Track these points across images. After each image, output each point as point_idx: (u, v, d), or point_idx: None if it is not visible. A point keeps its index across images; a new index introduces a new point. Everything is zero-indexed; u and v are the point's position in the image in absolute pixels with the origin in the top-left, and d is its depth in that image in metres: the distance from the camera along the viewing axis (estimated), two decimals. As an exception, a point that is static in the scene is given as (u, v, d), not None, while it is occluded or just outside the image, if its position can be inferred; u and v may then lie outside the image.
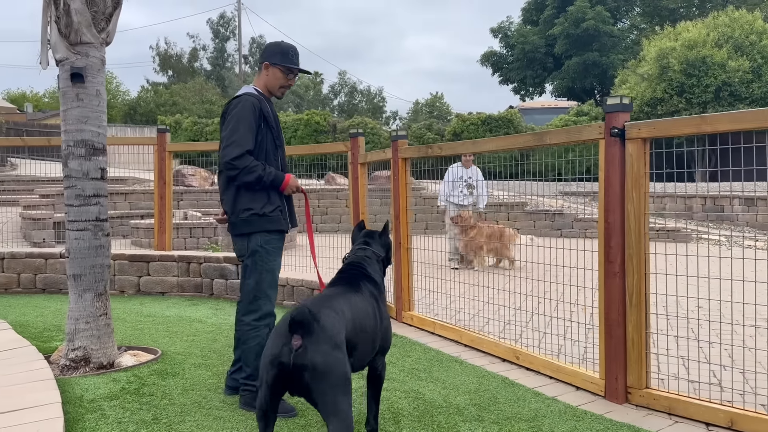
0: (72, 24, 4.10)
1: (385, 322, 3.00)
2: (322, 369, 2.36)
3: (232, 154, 3.31)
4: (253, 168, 3.34)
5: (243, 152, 3.32)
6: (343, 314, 2.62)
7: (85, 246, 4.21)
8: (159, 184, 7.90)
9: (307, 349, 2.35)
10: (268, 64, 3.57)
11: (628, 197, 3.53)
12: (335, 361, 2.40)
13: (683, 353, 4.37)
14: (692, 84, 24.88)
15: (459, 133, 23.20)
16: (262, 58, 3.63)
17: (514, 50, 41.93)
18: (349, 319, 2.64)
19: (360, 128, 23.75)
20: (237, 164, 3.32)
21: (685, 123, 3.34)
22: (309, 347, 2.36)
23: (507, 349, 4.43)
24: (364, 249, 3.13)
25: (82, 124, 4.20)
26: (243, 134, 3.33)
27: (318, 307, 2.52)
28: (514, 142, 4.41)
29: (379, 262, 3.16)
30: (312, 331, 2.39)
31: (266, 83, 3.60)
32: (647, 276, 3.52)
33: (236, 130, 3.34)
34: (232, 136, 3.33)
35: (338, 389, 2.38)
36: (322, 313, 2.50)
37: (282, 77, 3.59)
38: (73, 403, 3.45)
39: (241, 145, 3.32)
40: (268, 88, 3.61)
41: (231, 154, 3.31)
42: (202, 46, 52.18)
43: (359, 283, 2.93)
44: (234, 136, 3.33)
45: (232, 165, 3.32)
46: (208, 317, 5.89)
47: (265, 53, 3.62)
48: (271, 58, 3.57)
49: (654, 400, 3.48)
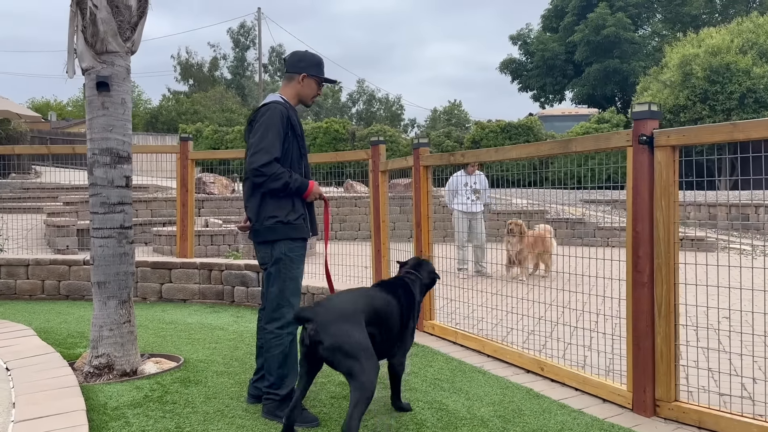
0: (98, 33, 4.15)
1: (411, 326, 3.51)
2: (332, 342, 2.86)
3: (261, 161, 3.32)
4: (279, 175, 3.35)
5: (271, 159, 3.33)
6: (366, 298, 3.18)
7: (110, 253, 4.24)
8: (181, 192, 7.95)
9: (317, 330, 2.88)
10: (306, 75, 3.59)
11: (657, 206, 3.46)
12: (342, 333, 2.87)
13: (711, 365, 4.28)
14: (716, 91, 24.57)
15: (478, 141, 23.12)
16: (297, 69, 3.62)
17: (533, 57, 41.76)
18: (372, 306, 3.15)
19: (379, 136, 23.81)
20: (265, 171, 3.32)
21: (716, 130, 3.27)
22: (318, 329, 2.88)
23: (531, 359, 4.37)
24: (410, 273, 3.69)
25: (107, 132, 4.24)
26: (271, 142, 3.34)
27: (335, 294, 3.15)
28: (539, 150, 4.36)
29: (421, 285, 3.69)
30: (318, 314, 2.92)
31: (299, 93, 3.62)
32: (677, 286, 3.45)
33: (265, 137, 3.35)
34: (261, 143, 3.34)
35: (351, 357, 2.83)
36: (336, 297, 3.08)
37: (315, 88, 3.66)
38: (97, 410, 3.46)
39: (270, 152, 3.33)
40: (301, 97, 3.63)
41: (259, 161, 3.32)
42: (223, 56, 52.77)
43: (396, 289, 3.46)
44: (262, 143, 3.34)
45: (260, 172, 3.33)
46: (230, 324, 5.89)
47: (301, 64, 3.62)
48: (308, 69, 3.61)
49: (683, 413, 3.40)
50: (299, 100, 3.65)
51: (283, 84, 3.68)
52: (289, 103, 3.58)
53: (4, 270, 7.30)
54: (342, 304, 3.02)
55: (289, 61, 3.65)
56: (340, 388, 3.93)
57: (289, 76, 3.63)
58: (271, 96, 3.59)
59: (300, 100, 3.66)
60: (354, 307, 3.03)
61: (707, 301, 3.78)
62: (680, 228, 3.48)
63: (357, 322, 2.96)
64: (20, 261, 7.33)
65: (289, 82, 3.63)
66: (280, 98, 3.57)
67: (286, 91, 3.64)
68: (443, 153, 5.29)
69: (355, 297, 3.16)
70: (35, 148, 12.66)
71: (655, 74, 28.19)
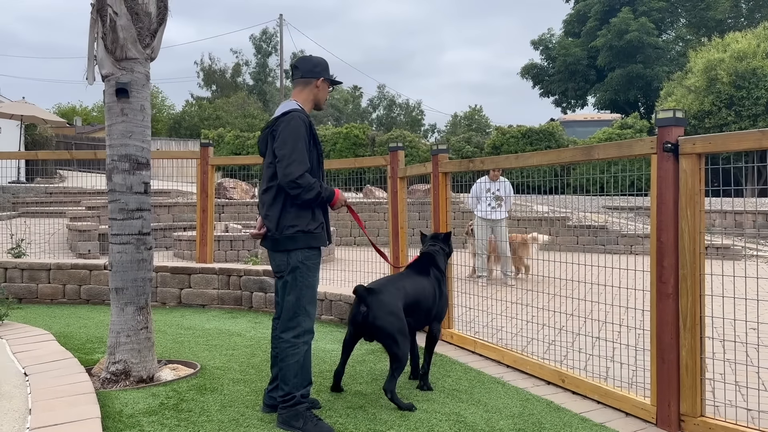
0: (118, 40, 4.16)
1: (444, 298, 4.32)
2: (379, 326, 3.72)
3: (297, 172, 3.29)
4: (313, 185, 3.35)
5: (306, 170, 3.32)
6: (404, 289, 3.95)
7: (128, 260, 4.24)
8: (201, 197, 7.98)
9: (368, 314, 3.71)
10: (324, 79, 3.59)
11: (682, 215, 3.37)
12: (387, 323, 3.72)
13: (738, 379, 4.15)
14: (742, 96, 24.15)
15: (499, 146, 22.97)
16: (314, 74, 3.60)
17: (555, 62, 41.47)
18: (409, 294, 3.96)
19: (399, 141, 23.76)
20: (301, 183, 3.30)
21: (744, 138, 3.17)
22: (369, 313, 3.72)
23: (552, 371, 4.28)
24: (434, 245, 4.45)
25: (126, 138, 4.25)
26: (302, 152, 3.33)
27: (383, 285, 3.90)
28: (561, 157, 4.29)
29: (444, 255, 4.44)
30: (371, 302, 3.72)
31: (316, 97, 3.62)
32: (702, 298, 3.35)
33: (295, 148, 3.32)
34: (293, 155, 3.31)
35: (391, 339, 3.72)
36: (384, 289, 3.84)
37: (327, 90, 3.67)
38: (113, 417, 3.45)
39: (303, 163, 3.32)
40: (317, 101, 3.63)
41: (296, 172, 3.29)
42: (245, 62, 53.12)
43: (428, 269, 4.27)
44: (294, 155, 3.31)
45: (297, 184, 3.30)
46: (247, 331, 5.88)
47: (317, 69, 3.60)
48: (324, 73, 3.62)
49: (709, 429, 3.29)
50: (314, 105, 3.63)
51: (297, 90, 3.63)
52: (304, 109, 3.56)
53: (26, 274, 7.38)
54: (388, 297, 3.80)
55: (303, 67, 3.61)
56: (357, 398, 3.89)
57: (305, 81, 3.60)
58: (287, 104, 3.55)
59: (315, 105, 3.64)
60: (396, 300, 3.84)
61: (735, 313, 3.66)
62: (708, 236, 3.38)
63: (399, 309, 3.82)
64: (41, 265, 7.41)
65: (305, 87, 3.60)
66: (297, 106, 3.54)
67: (300, 97, 3.60)
68: (462, 159, 5.23)
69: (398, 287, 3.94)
70: (58, 154, 12.83)
71: (679, 79, 27.81)
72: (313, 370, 4.49)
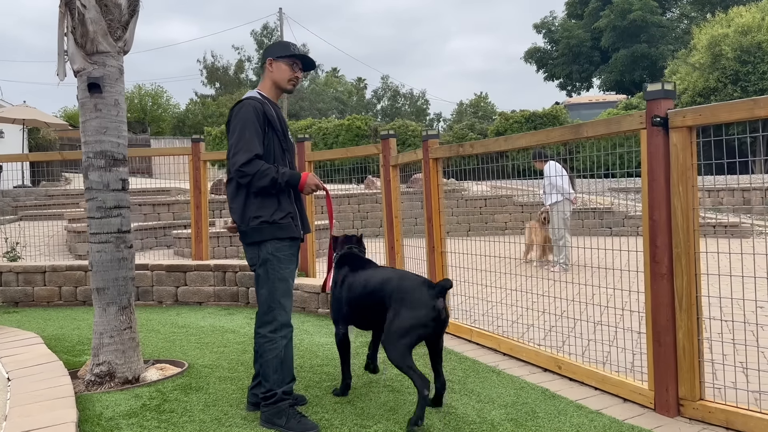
0: (88, 33, 4.04)
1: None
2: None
3: (242, 160, 3.16)
4: (265, 171, 3.19)
5: (251, 157, 3.17)
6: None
7: (108, 259, 4.14)
8: (195, 194, 7.88)
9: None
10: (272, 59, 3.45)
11: (674, 192, 3.22)
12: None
13: (741, 359, 4.01)
14: (747, 71, 23.76)
15: (502, 132, 22.77)
16: (263, 58, 3.55)
17: (558, 45, 41.09)
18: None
19: (401, 131, 23.59)
20: (247, 170, 3.17)
21: (735, 107, 3.00)
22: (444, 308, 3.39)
23: (548, 357, 4.15)
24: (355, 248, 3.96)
25: (101, 135, 4.14)
26: (249, 139, 3.19)
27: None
28: (549, 136, 4.14)
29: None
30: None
31: (273, 80, 3.46)
32: (698, 277, 3.21)
33: (242, 136, 3.20)
34: (239, 143, 3.19)
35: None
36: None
37: (288, 69, 3.45)
38: (91, 421, 3.35)
39: (249, 150, 3.17)
40: (277, 83, 3.46)
41: (240, 160, 3.16)
42: (247, 58, 52.98)
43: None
44: (241, 143, 3.19)
45: (243, 172, 3.17)
46: (242, 327, 5.78)
47: (266, 52, 3.53)
48: (273, 53, 3.47)
49: (709, 413, 3.16)
50: (277, 89, 3.49)
51: (261, 80, 3.55)
52: (266, 97, 3.43)
53: (21, 277, 7.32)
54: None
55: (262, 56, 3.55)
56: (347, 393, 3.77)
57: (264, 69, 3.51)
58: (248, 93, 3.44)
59: (278, 88, 3.49)
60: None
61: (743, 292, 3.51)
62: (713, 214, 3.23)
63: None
64: (36, 268, 7.34)
65: (264, 74, 3.52)
66: (257, 93, 3.43)
67: (263, 85, 3.50)
68: (452, 144, 5.09)
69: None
70: (48, 155, 12.81)
71: (683, 57, 27.42)
72: (306, 365, 4.40)
